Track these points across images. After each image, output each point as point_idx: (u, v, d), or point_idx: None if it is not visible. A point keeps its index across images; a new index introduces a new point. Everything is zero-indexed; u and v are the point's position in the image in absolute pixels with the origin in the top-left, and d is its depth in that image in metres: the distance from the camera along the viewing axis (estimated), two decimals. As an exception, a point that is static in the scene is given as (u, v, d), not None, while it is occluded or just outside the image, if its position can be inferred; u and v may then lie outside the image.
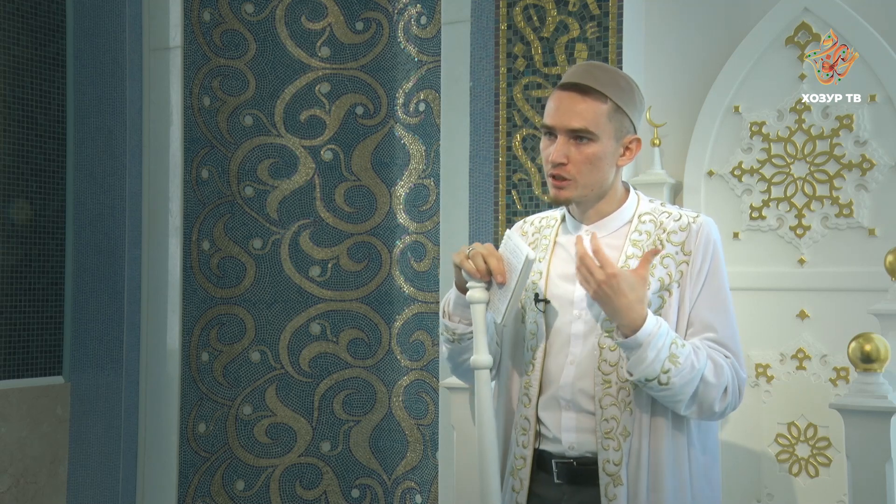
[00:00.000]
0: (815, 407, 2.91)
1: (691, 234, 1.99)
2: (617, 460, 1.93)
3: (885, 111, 2.87)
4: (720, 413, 1.94)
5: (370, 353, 3.82)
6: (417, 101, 3.74)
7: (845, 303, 2.89)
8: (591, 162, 1.96)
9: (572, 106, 1.96)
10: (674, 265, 1.98)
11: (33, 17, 3.73)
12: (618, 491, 1.92)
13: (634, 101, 2.01)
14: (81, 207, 3.81)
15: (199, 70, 3.80)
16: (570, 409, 1.99)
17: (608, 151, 1.98)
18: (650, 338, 1.85)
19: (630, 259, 1.99)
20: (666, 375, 1.85)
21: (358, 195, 3.85)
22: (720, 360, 1.92)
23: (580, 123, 1.95)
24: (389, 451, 3.78)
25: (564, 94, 1.97)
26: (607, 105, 1.96)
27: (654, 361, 1.85)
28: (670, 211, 2.05)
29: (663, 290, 1.97)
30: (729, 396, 1.93)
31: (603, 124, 1.96)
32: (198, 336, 3.79)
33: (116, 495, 3.70)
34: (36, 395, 3.68)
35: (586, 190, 1.99)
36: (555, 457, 2.01)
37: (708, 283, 1.97)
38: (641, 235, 2.02)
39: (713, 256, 1.98)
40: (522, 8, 3.26)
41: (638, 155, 2.09)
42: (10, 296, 3.64)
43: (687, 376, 1.87)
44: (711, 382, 1.90)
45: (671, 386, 1.86)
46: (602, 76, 1.98)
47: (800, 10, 2.97)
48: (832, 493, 2.88)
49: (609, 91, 1.96)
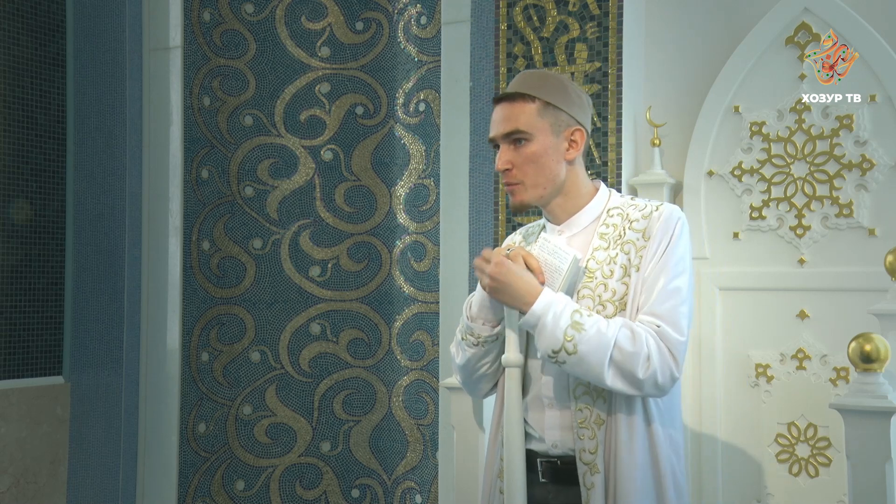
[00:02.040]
0: (815, 407, 2.91)
1: (652, 220, 2.00)
2: (592, 449, 1.95)
3: (885, 111, 2.87)
4: (649, 383, 1.89)
5: (370, 353, 3.82)
6: (417, 101, 3.74)
7: (845, 303, 2.89)
8: (532, 160, 2.01)
9: (503, 114, 2.04)
10: (634, 251, 1.99)
11: (33, 17, 3.73)
12: (595, 479, 1.94)
13: (568, 95, 2.03)
14: (81, 207, 3.81)
15: (199, 70, 3.80)
16: (553, 407, 2.02)
17: (548, 147, 2.01)
18: (546, 307, 1.89)
19: (596, 251, 2.01)
20: (571, 343, 1.87)
21: (358, 195, 3.85)
22: (638, 329, 1.90)
23: (511, 126, 2.02)
24: (389, 451, 3.78)
25: (497, 107, 2.06)
26: (535, 104, 2.01)
27: (554, 329, 1.87)
28: (637, 203, 2.07)
29: (625, 276, 1.98)
30: (655, 363, 1.88)
31: (534, 122, 2.01)
32: (198, 336, 3.79)
33: (116, 495, 3.70)
34: (36, 395, 3.69)
35: (539, 189, 2.03)
36: (540, 456, 2.03)
37: (658, 262, 1.95)
38: (608, 228, 2.04)
39: (671, 239, 1.97)
40: (522, 8, 3.26)
41: (638, 155, 2.10)
42: (10, 296, 3.64)
43: (595, 342, 1.87)
44: (627, 349, 1.87)
45: (580, 354, 1.87)
46: (528, 80, 2.05)
47: (800, 10, 2.97)
48: (832, 493, 2.88)
49: (535, 91, 2.02)
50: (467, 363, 2.12)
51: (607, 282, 1.98)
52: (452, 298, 3.45)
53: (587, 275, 2.00)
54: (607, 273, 1.99)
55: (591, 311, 1.95)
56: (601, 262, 2.00)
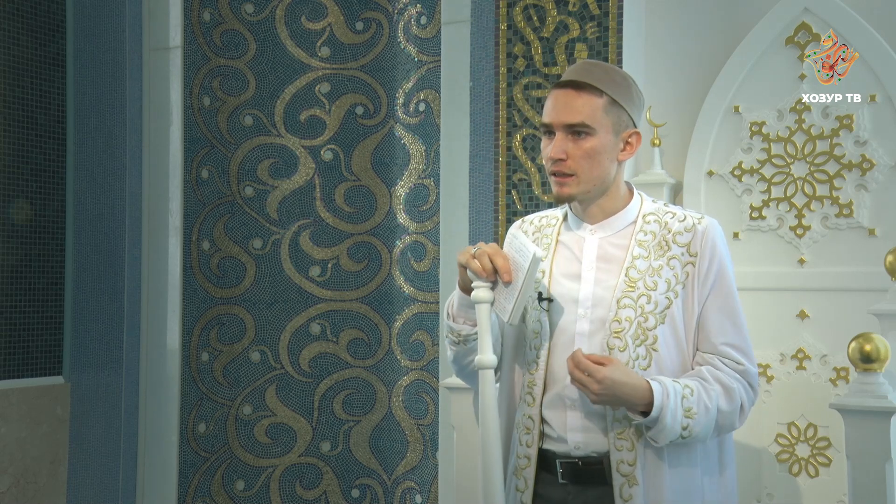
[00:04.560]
0: (815, 407, 2.91)
1: (696, 235, 2.00)
2: (631, 460, 1.93)
3: (885, 111, 2.87)
4: (741, 423, 2.01)
5: (370, 353, 3.82)
6: (417, 101, 3.74)
7: (845, 303, 2.89)
8: (590, 156, 1.97)
9: (568, 102, 1.98)
10: (679, 266, 1.98)
11: (33, 17, 3.73)
12: (633, 491, 1.92)
13: (631, 96, 2.02)
14: (81, 207, 3.81)
15: (199, 70, 3.80)
16: (577, 408, 1.98)
17: (607, 145, 1.98)
18: (664, 410, 1.88)
19: (637, 259, 1.99)
20: (686, 431, 1.91)
21: (358, 195, 3.85)
22: (729, 382, 1.95)
23: (577, 118, 1.97)
24: (389, 451, 3.78)
25: (560, 92, 2.00)
26: (603, 99, 1.97)
27: (672, 425, 1.89)
28: (674, 211, 2.05)
29: (670, 290, 1.97)
30: (746, 409, 1.99)
31: (600, 118, 1.97)
32: (198, 336, 3.79)
33: (116, 495, 3.70)
34: (36, 395, 3.68)
35: (588, 185, 2.00)
36: (559, 456, 2.00)
37: (716, 287, 1.99)
38: (647, 236, 2.02)
39: (720, 259, 2.00)
40: (522, 8, 3.26)
41: (638, 155, 2.10)
42: (10, 296, 3.64)
43: (704, 420, 1.92)
44: (726, 410, 1.95)
45: (694, 435, 1.92)
46: (597, 72, 2.00)
47: (800, 10, 2.97)
48: (832, 493, 2.88)
49: (604, 86, 1.98)
50: (455, 359, 2.14)
51: (650, 294, 1.97)
52: (452, 298, 3.45)
53: (628, 284, 1.98)
54: (650, 285, 1.97)
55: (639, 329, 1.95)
56: (643, 273, 1.98)
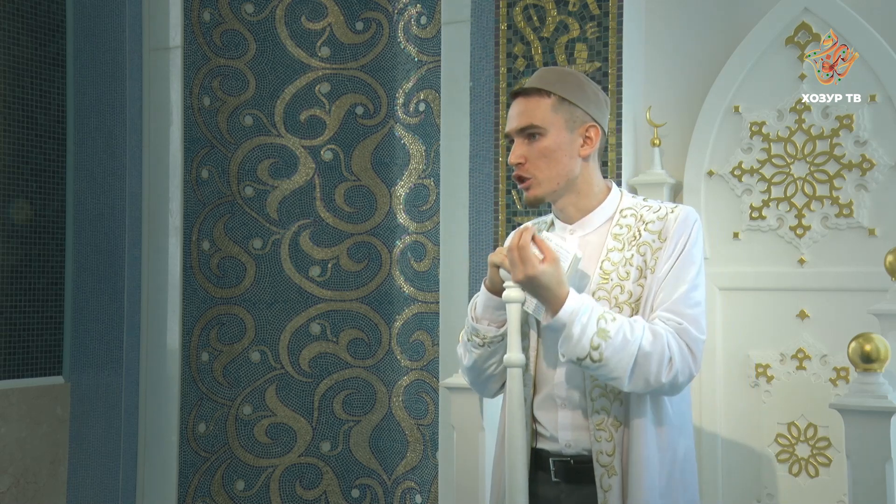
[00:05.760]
0: (815, 407, 2.91)
1: (668, 221, 2.00)
2: (609, 451, 1.95)
3: (885, 111, 2.87)
4: (669, 384, 1.91)
5: (370, 353, 3.82)
6: (417, 101, 3.74)
7: (845, 303, 2.89)
8: (545, 155, 2.01)
9: (519, 109, 2.04)
10: (650, 252, 1.99)
11: (33, 17, 3.73)
12: (612, 481, 1.94)
13: (584, 92, 2.04)
14: (81, 207, 3.81)
15: (199, 70, 3.80)
16: (566, 407, 2.01)
17: (562, 143, 2.01)
18: (573, 315, 1.86)
19: (611, 252, 2.01)
20: (597, 352, 1.86)
21: (358, 195, 3.85)
22: (659, 328, 1.91)
23: (526, 121, 2.01)
24: (389, 451, 3.78)
25: (513, 103, 2.06)
26: (551, 99, 2.01)
27: (581, 338, 1.86)
28: (651, 204, 2.06)
29: (641, 277, 1.98)
30: (676, 364, 1.90)
31: (549, 117, 2.00)
32: (198, 336, 3.79)
33: (116, 495, 3.70)
34: (36, 395, 3.68)
35: (552, 184, 2.02)
36: (552, 455, 2.02)
37: (678, 262, 1.96)
38: (622, 229, 2.03)
39: (687, 239, 1.98)
40: (522, 8, 3.26)
41: (638, 155, 2.10)
42: (10, 296, 3.64)
43: (620, 349, 1.87)
44: (648, 351, 1.88)
45: (605, 361, 1.87)
46: (548, 76, 2.05)
47: (800, 10, 2.97)
48: (832, 493, 2.88)
49: (551, 87, 2.02)
50: (474, 364, 2.12)
51: (623, 283, 1.97)
52: (452, 298, 3.45)
53: (602, 276, 1.99)
54: (623, 275, 1.98)
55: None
56: (616, 264, 2.00)
